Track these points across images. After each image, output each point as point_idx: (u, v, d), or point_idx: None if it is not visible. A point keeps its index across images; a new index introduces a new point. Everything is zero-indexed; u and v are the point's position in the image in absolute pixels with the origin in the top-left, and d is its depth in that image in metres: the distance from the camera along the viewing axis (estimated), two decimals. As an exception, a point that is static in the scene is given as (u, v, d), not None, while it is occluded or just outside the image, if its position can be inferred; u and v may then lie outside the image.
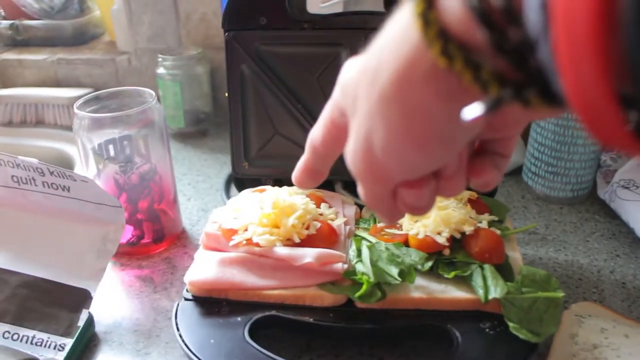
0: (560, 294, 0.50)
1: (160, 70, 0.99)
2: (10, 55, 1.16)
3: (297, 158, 0.69)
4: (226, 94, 0.69)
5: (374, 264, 0.51)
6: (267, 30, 0.66)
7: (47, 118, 1.11)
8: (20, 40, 1.18)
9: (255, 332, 0.50)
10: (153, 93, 0.68)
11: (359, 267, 0.51)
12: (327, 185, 0.68)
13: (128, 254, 0.71)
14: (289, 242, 0.54)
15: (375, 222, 0.60)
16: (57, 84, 1.15)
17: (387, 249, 0.52)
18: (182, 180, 0.88)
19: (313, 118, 0.69)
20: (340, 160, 0.66)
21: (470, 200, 0.59)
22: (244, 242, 0.54)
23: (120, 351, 0.57)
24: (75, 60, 1.13)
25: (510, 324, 0.47)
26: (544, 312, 0.49)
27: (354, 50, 0.65)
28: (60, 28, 1.17)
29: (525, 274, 0.51)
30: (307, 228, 0.55)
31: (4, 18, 1.20)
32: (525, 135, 0.86)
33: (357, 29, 0.65)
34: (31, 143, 1.07)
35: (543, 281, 0.51)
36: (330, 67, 0.66)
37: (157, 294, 0.65)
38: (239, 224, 0.55)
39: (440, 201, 0.56)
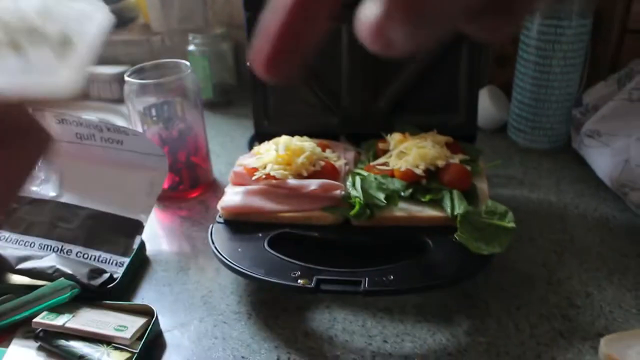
0: (511, 225, 0.61)
1: (191, 48, 1.13)
2: (58, 38, 1.31)
3: (308, 115, 0.83)
4: (248, 63, 0.83)
5: (365, 190, 0.64)
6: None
7: (92, 92, 1.26)
8: (66, 25, 1.33)
9: (272, 245, 0.64)
10: (189, 64, 0.82)
11: (353, 193, 0.65)
12: (334, 138, 0.82)
13: (169, 198, 0.85)
14: (299, 177, 0.68)
15: (369, 162, 0.74)
16: (100, 62, 1.30)
17: (376, 179, 0.66)
18: (213, 141, 1.02)
19: (320, 81, 0.82)
20: (345, 116, 0.79)
21: (447, 144, 0.72)
22: (264, 176, 0.68)
23: (166, 267, 0.72)
24: (115, 41, 1.28)
25: (458, 234, 0.60)
26: (494, 236, 0.60)
27: (353, 24, 0.78)
28: (101, 12, 1.32)
29: (489, 206, 0.64)
30: (314, 166, 0.69)
31: (51, 5, 1.34)
32: (508, 96, 0.98)
33: (354, 6, 0.77)
34: (79, 114, 1.22)
35: (502, 214, 0.63)
36: (333, 40, 0.79)
37: (194, 227, 0.80)
38: (260, 163, 0.69)
39: (419, 142, 0.69)
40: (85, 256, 0.70)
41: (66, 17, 0.31)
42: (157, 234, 0.79)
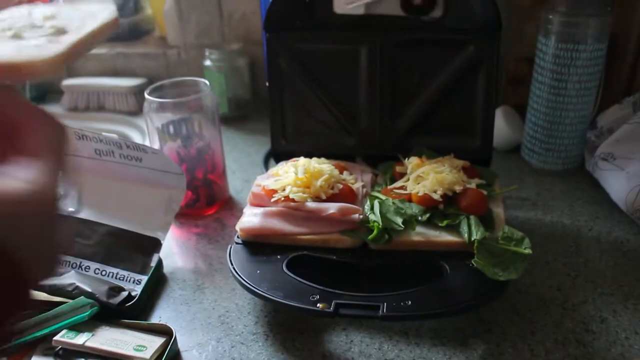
0: (527, 252, 0.61)
1: (207, 63, 1.14)
2: (75, 50, 1.32)
3: (325, 136, 0.84)
4: (267, 84, 0.84)
5: (383, 214, 0.65)
6: (300, 31, 0.80)
7: (108, 104, 1.27)
8: (83, 37, 1.34)
9: (290, 267, 0.64)
10: (208, 83, 0.83)
11: (372, 217, 0.66)
12: (350, 158, 0.83)
13: (186, 215, 0.86)
14: (318, 199, 0.68)
15: (386, 185, 0.74)
16: (116, 74, 1.31)
17: (394, 203, 0.67)
18: (228, 157, 1.03)
19: (338, 102, 0.83)
20: (362, 138, 0.80)
21: (463, 168, 0.73)
22: (283, 198, 0.68)
23: (183, 286, 0.73)
24: (132, 53, 1.29)
25: (475, 260, 0.60)
26: (511, 262, 0.61)
27: (372, 47, 0.79)
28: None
29: (505, 232, 0.64)
30: (332, 188, 0.69)
31: (69, 17, 1.35)
32: (522, 116, 0.99)
33: (374, 30, 0.78)
34: (94, 126, 1.22)
35: (518, 240, 0.63)
36: (352, 62, 0.80)
37: (210, 245, 0.80)
38: (279, 185, 0.70)
39: (437, 167, 0.70)
40: (104, 273, 0.71)
41: (70, 17, 0.44)
42: (173, 251, 0.80)
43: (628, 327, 0.64)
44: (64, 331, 0.62)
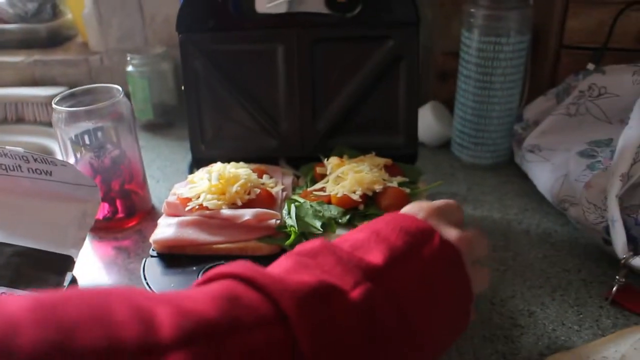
0: None
1: (130, 68, 1.10)
2: (-11, 59, 1.26)
3: (247, 139, 0.81)
4: (182, 87, 0.80)
5: (300, 218, 0.63)
6: (214, 31, 0.77)
7: (27, 115, 1.21)
8: (-4, 44, 1.28)
9: (209, 279, 0.61)
10: (120, 89, 0.79)
11: (289, 222, 0.64)
12: (274, 161, 0.80)
13: (105, 229, 0.82)
14: (234, 206, 0.66)
15: (307, 187, 0.72)
16: (35, 83, 1.25)
17: (312, 206, 0.65)
18: (152, 166, 0.99)
19: (257, 104, 0.80)
20: (284, 139, 0.77)
21: (385, 166, 0.71)
22: (197, 207, 0.65)
23: (100, 304, 0.69)
24: (51, 61, 1.24)
25: None
26: None
27: (288, 46, 0.77)
28: (35, 31, 1.27)
29: None
30: (249, 194, 0.67)
31: (-18, 24, 1.29)
32: (452, 111, 0.98)
33: (289, 27, 0.76)
34: (12, 139, 1.15)
35: None
36: (269, 62, 0.78)
37: (131, 259, 0.76)
38: (193, 193, 0.67)
39: (356, 166, 0.68)
40: (12, 296, 0.66)
41: None
42: (91, 267, 0.75)
43: (555, 319, 0.63)
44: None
